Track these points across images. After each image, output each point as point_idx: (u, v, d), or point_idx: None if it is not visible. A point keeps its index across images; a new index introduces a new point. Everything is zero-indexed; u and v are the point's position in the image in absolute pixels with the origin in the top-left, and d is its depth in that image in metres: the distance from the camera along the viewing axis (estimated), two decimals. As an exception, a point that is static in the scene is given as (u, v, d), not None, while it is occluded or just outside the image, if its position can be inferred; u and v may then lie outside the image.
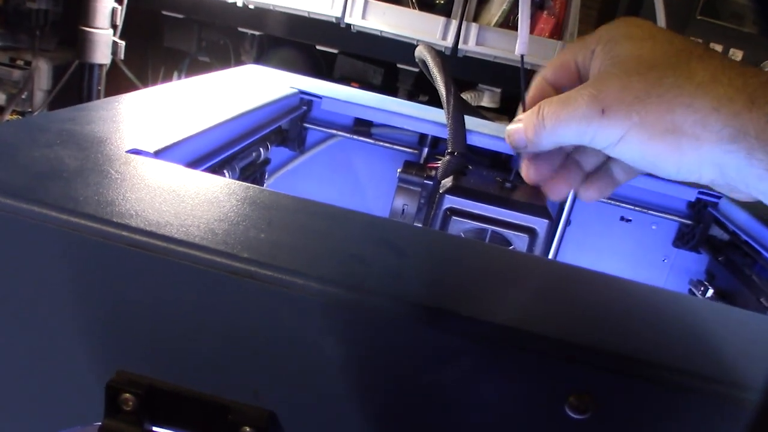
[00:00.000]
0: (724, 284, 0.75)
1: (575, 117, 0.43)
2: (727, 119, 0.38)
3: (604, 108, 0.42)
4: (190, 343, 0.30)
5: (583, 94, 0.43)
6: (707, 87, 0.39)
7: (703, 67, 0.39)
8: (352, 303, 0.28)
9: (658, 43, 0.41)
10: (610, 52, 0.43)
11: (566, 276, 0.35)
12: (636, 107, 0.41)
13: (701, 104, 0.39)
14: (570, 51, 0.48)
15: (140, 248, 0.28)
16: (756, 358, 0.31)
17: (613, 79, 0.42)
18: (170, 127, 0.45)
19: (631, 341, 0.29)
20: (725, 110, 0.38)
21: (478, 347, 0.28)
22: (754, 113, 0.37)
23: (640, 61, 0.41)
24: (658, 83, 0.40)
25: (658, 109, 0.40)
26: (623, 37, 0.43)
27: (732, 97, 0.38)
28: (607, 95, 0.41)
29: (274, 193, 0.36)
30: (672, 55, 0.41)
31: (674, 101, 0.40)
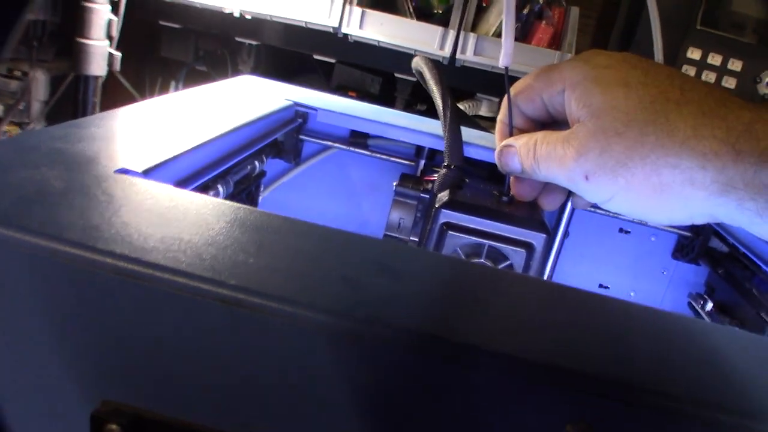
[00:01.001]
0: (723, 297, 0.75)
1: (562, 174, 0.43)
2: (715, 175, 0.37)
3: (587, 174, 0.41)
4: (177, 372, 0.29)
5: (568, 153, 0.42)
6: (691, 144, 0.38)
7: (683, 120, 0.38)
8: (343, 331, 0.27)
9: (632, 90, 0.40)
10: (582, 100, 0.42)
11: (563, 298, 0.34)
12: (620, 172, 0.40)
13: (687, 164, 0.38)
14: (535, 86, 0.47)
15: (125, 275, 0.28)
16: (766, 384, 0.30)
17: (591, 140, 0.41)
18: (161, 143, 0.45)
19: (629, 367, 0.28)
20: (711, 166, 0.37)
21: (470, 375, 0.27)
22: (740, 166, 0.36)
23: (616, 114, 0.40)
24: (639, 144, 0.39)
25: (644, 171, 0.39)
26: (593, 82, 0.42)
27: (717, 151, 0.37)
28: (588, 160, 0.41)
29: (265, 214, 0.35)
30: (648, 105, 0.40)
31: (659, 162, 0.39)
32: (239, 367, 0.28)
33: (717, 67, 1.18)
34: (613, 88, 0.41)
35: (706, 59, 1.17)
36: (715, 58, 1.17)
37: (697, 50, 1.17)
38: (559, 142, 0.43)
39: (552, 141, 0.44)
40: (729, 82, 1.19)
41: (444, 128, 0.65)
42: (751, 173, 0.36)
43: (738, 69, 1.18)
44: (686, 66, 1.18)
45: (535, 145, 0.46)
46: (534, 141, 0.46)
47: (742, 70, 1.18)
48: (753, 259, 0.68)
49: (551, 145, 0.44)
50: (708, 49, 1.16)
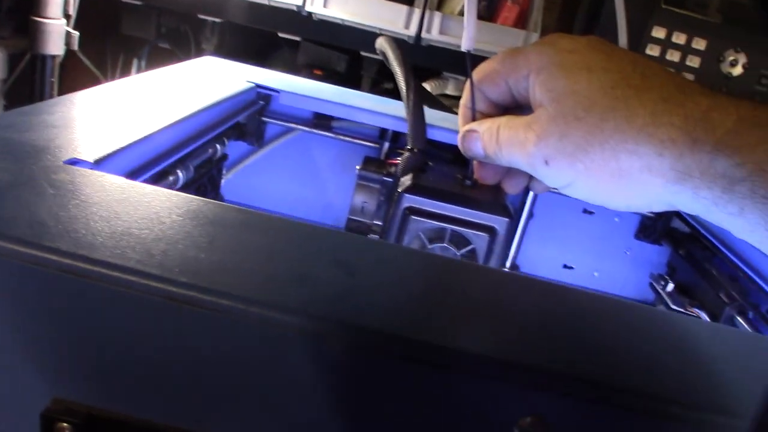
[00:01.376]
0: (684, 278, 0.76)
1: (523, 159, 0.43)
2: (672, 162, 0.38)
3: (547, 159, 0.41)
4: (128, 370, 0.29)
5: (529, 137, 0.42)
6: (649, 130, 0.38)
7: (642, 106, 0.38)
8: (295, 328, 0.27)
9: (594, 74, 0.40)
10: (545, 84, 0.42)
11: (521, 290, 0.34)
12: (579, 157, 0.40)
13: (645, 150, 0.38)
14: (500, 70, 0.47)
15: (72, 273, 0.27)
16: (723, 377, 0.31)
17: (551, 124, 0.41)
18: (116, 131, 0.44)
19: (581, 361, 0.28)
20: (669, 153, 0.37)
21: (423, 371, 0.27)
22: (696, 154, 0.37)
23: (577, 99, 0.40)
24: (598, 129, 0.39)
25: (603, 156, 0.40)
26: (556, 66, 0.42)
27: (674, 138, 0.37)
28: (548, 145, 0.41)
29: (220, 206, 0.34)
30: (609, 90, 0.40)
31: (617, 148, 0.39)
32: (190, 366, 0.28)
33: (681, 46, 1.19)
34: (576, 72, 0.41)
35: (670, 38, 1.18)
36: (680, 37, 1.17)
37: (662, 29, 1.17)
38: (521, 126, 0.43)
39: (514, 126, 0.44)
40: (693, 61, 1.19)
41: (407, 111, 0.64)
42: (707, 162, 0.36)
43: (702, 48, 1.19)
44: (651, 45, 1.18)
45: (498, 130, 0.46)
46: (497, 126, 0.46)
47: (706, 48, 1.19)
48: (713, 241, 0.69)
49: (513, 130, 0.44)
50: (672, 28, 1.16)
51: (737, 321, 0.64)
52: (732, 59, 1.20)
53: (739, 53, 1.20)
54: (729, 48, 1.19)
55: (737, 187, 0.36)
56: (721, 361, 0.32)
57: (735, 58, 1.20)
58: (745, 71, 1.21)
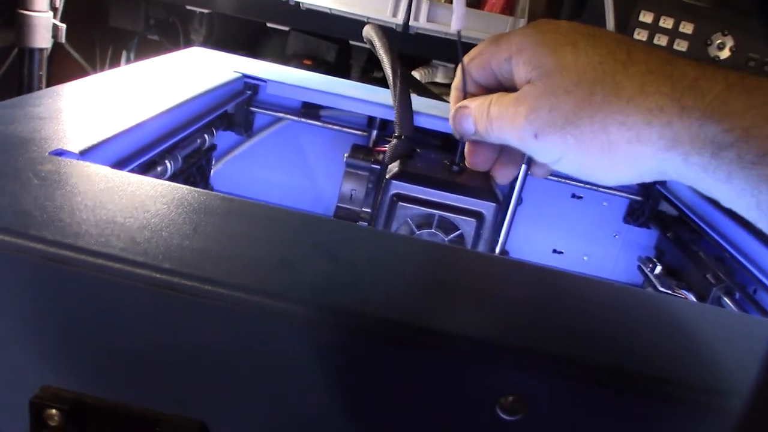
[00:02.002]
0: (672, 260, 0.76)
1: (513, 134, 0.43)
2: (661, 130, 0.38)
3: (537, 132, 0.42)
4: (115, 357, 0.29)
5: (519, 111, 0.43)
6: (637, 100, 0.39)
7: (629, 78, 0.39)
8: (277, 312, 0.27)
9: (580, 50, 0.41)
10: (531, 62, 0.43)
11: (503, 272, 0.35)
12: (569, 130, 0.41)
13: (634, 120, 0.39)
14: (485, 53, 0.48)
15: (57, 262, 0.27)
16: (712, 356, 0.31)
17: (541, 98, 0.41)
18: (102, 121, 0.44)
19: (560, 340, 0.29)
20: (657, 122, 0.38)
21: (401, 352, 0.27)
22: (684, 120, 0.37)
23: (565, 73, 0.41)
24: (587, 102, 0.40)
25: (592, 129, 0.40)
26: (541, 44, 0.43)
27: (662, 106, 0.38)
28: (537, 118, 0.41)
29: (204, 194, 0.35)
30: (596, 65, 0.40)
31: (606, 120, 0.40)
32: (176, 351, 0.28)
33: (669, 30, 1.19)
34: (561, 48, 0.41)
35: (658, 22, 1.18)
36: (667, 21, 1.18)
37: (649, 13, 1.17)
38: (511, 102, 0.44)
39: (504, 102, 0.45)
40: (680, 45, 1.20)
41: (394, 98, 0.65)
42: (696, 128, 0.37)
43: (689, 32, 1.19)
44: (638, 29, 1.18)
45: (489, 106, 0.46)
46: (488, 102, 0.47)
47: (693, 32, 1.19)
48: (699, 223, 0.69)
49: (503, 106, 0.45)
50: (660, 12, 1.17)
51: (724, 301, 0.64)
52: (719, 42, 1.20)
53: (726, 36, 1.20)
54: (716, 31, 1.20)
55: (725, 153, 0.36)
56: (709, 341, 0.32)
57: (722, 42, 1.20)
58: (732, 54, 1.21)
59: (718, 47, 1.21)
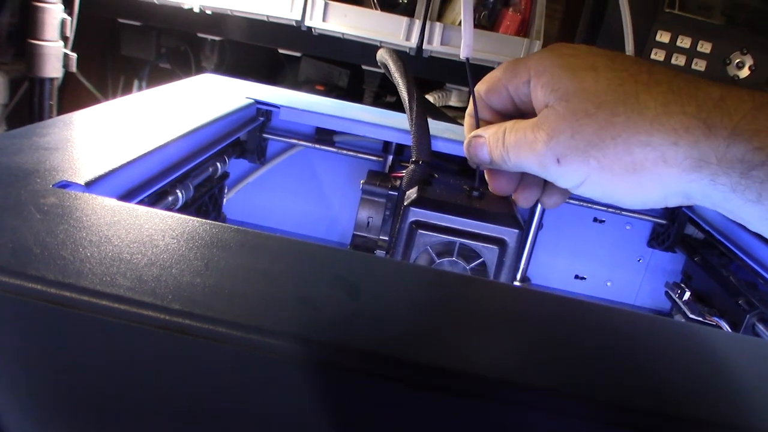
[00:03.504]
0: (701, 285, 0.74)
1: (533, 160, 0.42)
2: (687, 151, 0.37)
3: (559, 157, 0.40)
4: (120, 404, 0.27)
5: (538, 137, 0.42)
6: (662, 120, 0.37)
7: (653, 98, 0.38)
8: (298, 356, 0.25)
9: (601, 74, 0.40)
10: (550, 85, 0.42)
11: (535, 307, 0.32)
12: (592, 153, 0.39)
13: (659, 140, 0.37)
14: (501, 78, 0.47)
15: (58, 304, 0.25)
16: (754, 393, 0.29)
17: (561, 122, 0.40)
18: (110, 151, 0.42)
19: (603, 383, 0.27)
20: (684, 142, 0.37)
21: (441, 401, 0.25)
22: (712, 140, 0.36)
23: (585, 96, 0.40)
24: (610, 124, 0.39)
25: (616, 151, 0.39)
26: (560, 68, 0.41)
27: (688, 126, 0.36)
28: (559, 143, 0.40)
29: (215, 226, 0.33)
30: (617, 87, 0.39)
31: (630, 141, 0.38)
32: (187, 398, 0.26)
33: (686, 50, 1.17)
34: (581, 72, 0.40)
35: (675, 42, 1.16)
36: (685, 40, 1.16)
37: (666, 33, 1.16)
38: (528, 128, 0.43)
39: (521, 128, 0.43)
40: (699, 64, 1.18)
41: (410, 122, 0.63)
42: (723, 148, 0.36)
43: (707, 51, 1.17)
44: (656, 49, 1.16)
45: (504, 134, 0.45)
46: (503, 130, 0.45)
47: (711, 51, 1.18)
48: (728, 246, 0.67)
49: (521, 132, 0.43)
50: (677, 31, 1.15)
51: (759, 328, 0.62)
52: (738, 61, 1.18)
53: (746, 55, 1.18)
54: (735, 50, 1.18)
55: (755, 172, 0.35)
56: (749, 376, 0.30)
57: (741, 60, 1.18)
58: (752, 73, 1.19)
59: (737, 66, 1.19)
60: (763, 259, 0.63)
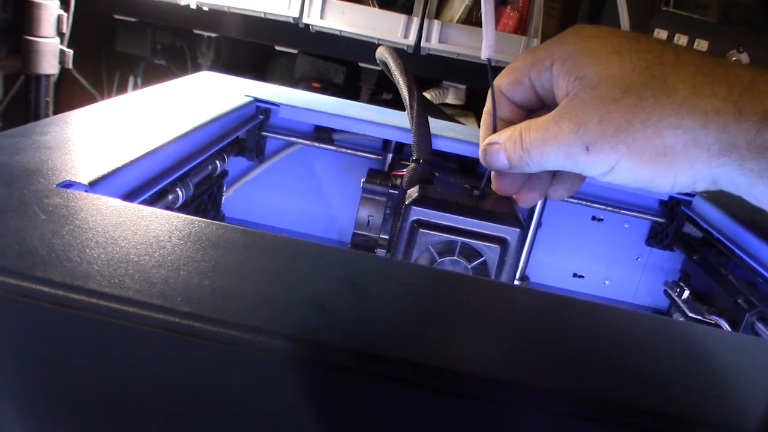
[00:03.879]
0: (699, 284, 0.74)
1: (560, 152, 0.42)
2: (717, 134, 0.36)
3: (588, 145, 0.40)
4: (129, 406, 0.27)
5: (564, 128, 0.41)
6: (691, 102, 0.37)
7: (681, 80, 0.37)
8: (308, 359, 0.25)
9: (625, 57, 0.39)
10: (574, 72, 0.41)
11: (538, 306, 0.32)
12: (621, 138, 0.39)
13: (689, 123, 0.37)
14: (522, 67, 0.46)
15: (65, 306, 0.25)
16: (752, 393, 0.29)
17: (588, 110, 0.40)
18: (112, 150, 0.42)
19: (601, 383, 0.26)
20: (714, 125, 0.36)
21: (455, 404, 0.25)
22: (742, 124, 0.35)
23: (612, 82, 0.39)
24: (639, 108, 0.38)
25: (645, 134, 0.38)
26: (583, 53, 0.41)
27: (719, 109, 0.36)
28: (587, 130, 0.39)
29: (222, 227, 0.32)
30: (643, 70, 0.38)
31: (660, 124, 0.38)
32: (197, 401, 0.26)
33: (683, 48, 1.17)
34: (605, 56, 0.40)
35: (672, 40, 1.16)
36: (682, 38, 1.16)
37: (663, 31, 1.16)
38: (550, 122, 0.42)
39: (540, 124, 0.43)
40: (695, 62, 1.18)
41: (411, 121, 0.63)
42: (754, 132, 0.35)
43: (704, 49, 1.17)
44: (653, 48, 1.17)
45: (521, 135, 0.44)
46: (518, 131, 0.45)
47: (708, 50, 1.18)
48: (727, 244, 0.67)
49: (541, 128, 0.43)
50: (674, 29, 1.15)
51: (758, 327, 0.62)
52: (735, 59, 1.19)
53: (742, 53, 1.19)
54: (731, 48, 1.18)
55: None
56: (749, 375, 0.30)
57: (738, 58, 1.19)
58: (748, 71, 1.19)
59: (733, 64, 1.19)
60: (762, 257, 0.63)
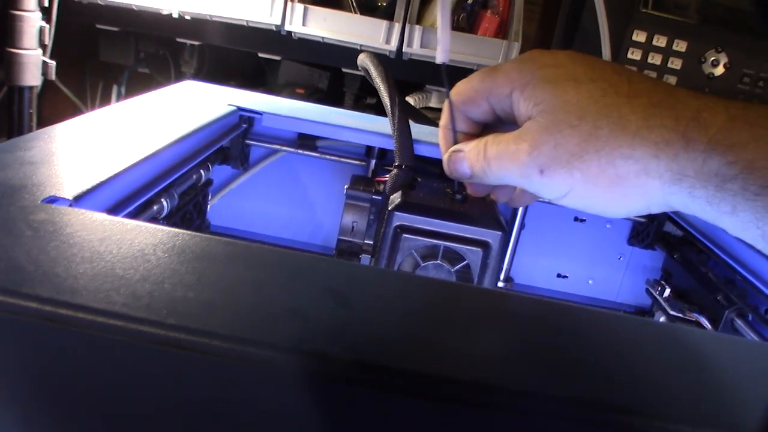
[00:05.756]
0: (680, 282, 0.75)
1: (516, 171, 0.43)
2: (668, 164, 0.38)
3: (542, 168, 0.41)
4: (119, 421, 0.27)
5: (521, 148, 0.42)
6: (643, 134, 0.38)
7: (633, 112, 0.39)
8: (292, 367, 0.25)
9: (582, 85, 0.41)
10: (532, 99, 0.42)
11: (520, 310, 0.33)
12: (575, 164, 0.40)
13: (641, 153, 0.39)
14: (480, 89, 0.47)
15: (52, 321, 0.25)
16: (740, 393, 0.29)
17: (544, 134, 0.41)
18: (96, 163, 0.42)
19: (586, 384, 0.27)
20: (664, 155, 0.38)
21: (438, 410, 0.26)
22: (690, 153, 0.37)
23: (568, 109, 0.40)
24: (593, 137, 0.39)
25: (599, 163, 0.40)
26: (542, 80, 0.42)
27: (668, 139, 0.38)
28: (542, 154, 0.41)
29: (205, 239, 0.33)
30: (599, 98, 0.40)
31: (613, 153, 0.39)
32: (185, 413, 0.26)
33: (662, 49, 1.19)
34: (562, 83, 0.41)
35: (651, 41, 1.18)
36: (660, 39, 1.18)
37: (642, 33, 1.17)
38: (510, 140, 0.43)
39: (503, 140, 0.44)
40: (674, 63, 1.19)
41: (393, 127, 0.63)
42: (700, 161, 0.37)
43: (683, 50, 1.19)
44: (632, 49, 1.18)
45: (485, 147, 0.45)
46: (483, 143, 0.46)
47: (687, 50, 1.19)
48: (706, 243, 0.68)
49: (503, 144, 0.44)
50: (653, 31, 1.17)
51: (737, 323, 0.63)
52: (713, 59, 1.20)
53: (720, 53, 1.20)
54: (710, 48, 1.20)
55: (729, 185, 0.36)
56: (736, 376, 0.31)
57: (716, 59, 1.20)
58: (726, 71, 1.21)
59: (712, 64, 1.20)
60: (739, 255, 0.64)
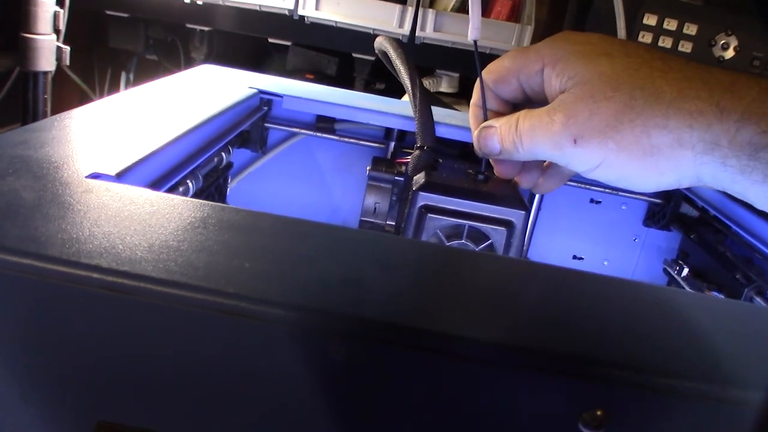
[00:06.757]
0: (698, 262, 0.76)
1: (548, 142, 0.43)
2: (701, 133, 0.39)
3: (576, 138, 0.41)
4: (177, 388, 0.28)
5: (555, 119, 0.43)
6: (678, 104, 0.39)
7: (668, 83, 0.40)
8: (354, 334, 0.26)
9: (616, 59, 0.42)
10: (566, 72, 0.43)
11: (558, 280, 0.33)
12: (610, 134, 0.41)
13: (675, 124, 0.39)
14: (510, 67, 0.47)
15: (114, 291, 0.26)
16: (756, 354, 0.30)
17: (579, 104, 0.41)
18: (131, 143, 0.43)
19: (637, 350, 0.28)
20: (698, 125, 0.39)
21: (481, 369, 0.26)
22: (724, 123, 0.38)
23: (604, 80, 0.41)
24: (628, 107, 0.40)
25: (633, 133, 0.40)
26: (575, 55, 0.43)
27: (702, 110, 0.38)
28: (576, 123, 0.41)
29: (252, 214, 0.34)
30: (633, 72, 0.41)
31: (648, 123, 0.40)
32: (243, 380, 0.27)
33: (673, 32, 1.19)
34: (597, 57, 0.42)
35: (662, 24, 1.18)
36: (671, 23, 1.17)
37: (653, 16, 1.17)
38: (543, 113, 0.44)
39: (536, 114, 0.44)
40: (685, 46, 1.19)
41: (414, 109, 0.64)
42: (734, 130, 0.37)
43: (693, 33, 1.19)
44: (643, 32, 1.18)
45: (517, 121, 0.46)
46: (515, 118, 0.46)
47: (697, 33, 1.19)
48: (724, 221, 0.68)
49: (535, 117, 0.44)
50: (664, 14, 1.16)
51: (756, 301, 0.63)
52: (723, 42, 1.20)
53: (730, 36, 1.20)
54: (720, 32, 1.19)
55: (762, 154, 0.37)
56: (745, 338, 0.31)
57: (726, 42, 1.20)
58: (736, 54, 1.21)
59: (722, 47, 1.20)
60: (758, 233, 0.64)
